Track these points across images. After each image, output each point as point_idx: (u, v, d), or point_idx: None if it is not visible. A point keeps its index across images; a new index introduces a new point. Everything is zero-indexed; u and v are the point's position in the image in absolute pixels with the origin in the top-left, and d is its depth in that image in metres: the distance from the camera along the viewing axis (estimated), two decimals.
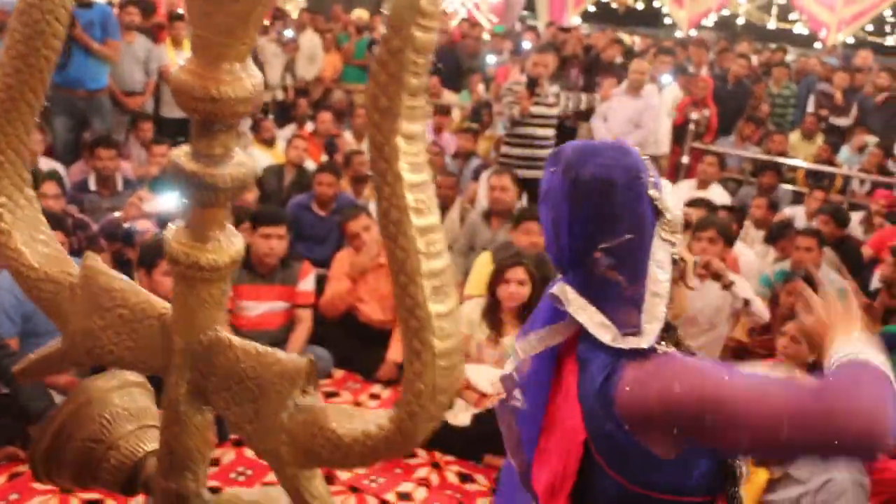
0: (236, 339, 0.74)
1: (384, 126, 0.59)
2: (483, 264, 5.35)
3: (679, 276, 1.61)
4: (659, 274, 1.49)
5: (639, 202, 1.51)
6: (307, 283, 5.09)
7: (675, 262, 1.53)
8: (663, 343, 1.50)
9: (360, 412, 0.69)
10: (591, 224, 1.52)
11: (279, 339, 4.94)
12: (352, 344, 5.31)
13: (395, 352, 5.12)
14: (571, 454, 1.49)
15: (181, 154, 0.68)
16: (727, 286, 4.61)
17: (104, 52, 7.22)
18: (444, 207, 6.86)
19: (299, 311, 5.05)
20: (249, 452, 4.39)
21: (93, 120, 7.16)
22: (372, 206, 6.25)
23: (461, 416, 4.50)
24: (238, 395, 0.72)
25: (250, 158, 0.72)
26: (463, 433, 4.40)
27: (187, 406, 0.77)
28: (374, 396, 5.03)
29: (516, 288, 4.53)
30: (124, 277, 0.80)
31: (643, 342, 1.44)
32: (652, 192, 1.52)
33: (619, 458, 1.46)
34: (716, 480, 1.54)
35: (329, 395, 4.98)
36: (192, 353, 0.75)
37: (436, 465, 4.35)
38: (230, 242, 0.72)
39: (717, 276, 4.59)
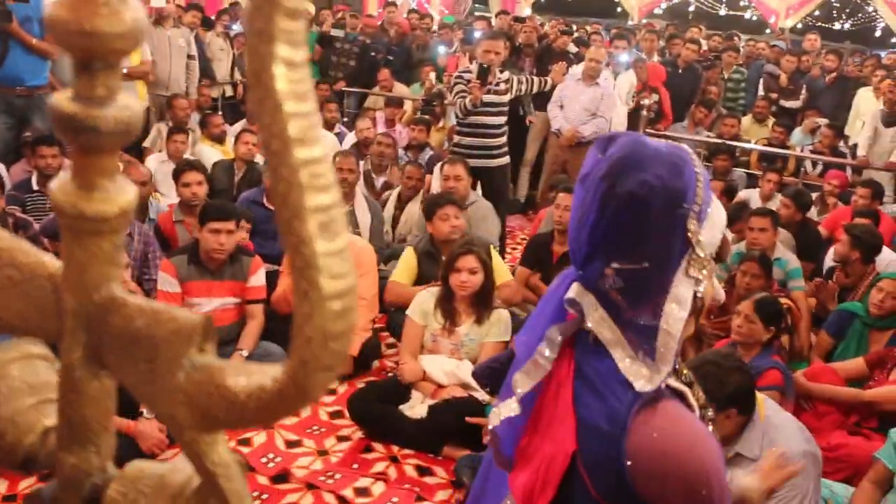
0: (131, 297, 0.69)
1: (260, 50, 0.55)
2: (407, 259, 5.55)
3: None
4: (675, 311, 1.39)
5: (671, 232, 1.38)
6: (258, 278, 5.01)
7: (695, 296, 1.41)
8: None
9: (259, 367, 0.65)
10: (612, 239, 1.40)
11: (231, 335, 4.88)
12: None
13: None
14: (556, 462, 1.41)
15: (61, 97, 0.64)
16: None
17: (43, 47, 7.04)
18: (408, 199, 6.85)
19: (251, 306, 4.97)
20: (280, 440, 4.40)
21: (33, 118, 6.98)
22: None
23: (418, 408, 4.48)
24: (133, 355, 0.68)
25: (138, 103, 0.67)
26: (420, 425, 4.38)
27: (83, 371, 0.72)
28: (330, 391, 4.94)
29: (467, 276, 4.52)
30: (11, 236, 0.75)
31: (649, 386, 1.37)
32: (691, 224, 1.39)
33: (607, 485, 1.38)
34: None
35: None
36: (85, 313, 0.70)
37: (393, 459, 4.31)
38: (120, 192, 0.67)
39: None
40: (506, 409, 1.48)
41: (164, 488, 0.75)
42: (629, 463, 1.34)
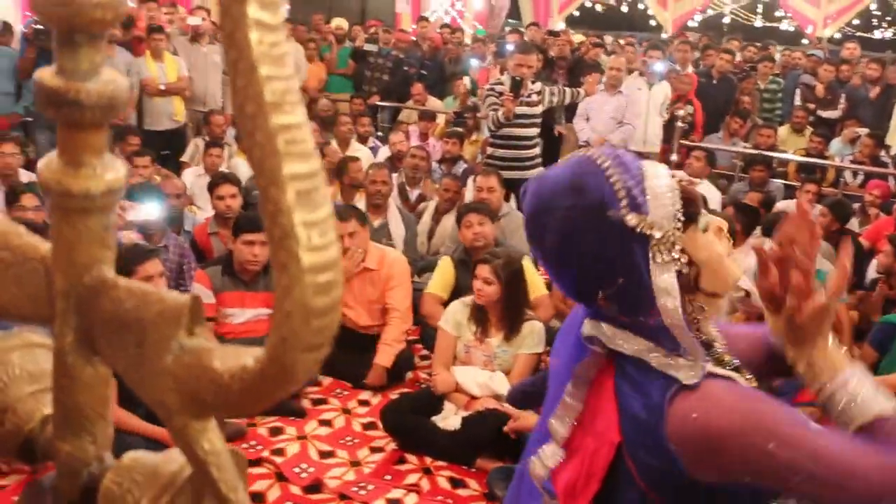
0: (122, 279, 0.68)
1: (233, 10, 0.54)
2: (444, 268, 5.51)
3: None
4: (668, 303, 1.36)
5: (617, 240, 1.36)
6: None
7: (680, 273, 1.38)
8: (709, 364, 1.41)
9: (247, 349, 0.63)
10: (577, 279, 1.43)
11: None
12: (338, 350, 5.19)
13: (382, 356, 5.06)
14: (600, 454, 1.39)
15: (45, 72, 0.63)
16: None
17: None
18: (445, 211, 6.84)
19: None
20: (313, 450, 4.40)
21: None
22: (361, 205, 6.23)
23: (451, 419, 4.45)
24: (123, 339, 0.67)
25: (122, 77, 0.66)
26: (453, 437, 4.34)
27: (75, 357, 0.71)
28: (364, 403, 4.95)
29: (481, 285, 4.51)
30: (4, 218, 0.74)
31: (693, 375, 1.35)
32: (629, 219, 1.35)
33: (654, 473, 1.36)
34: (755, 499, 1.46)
35: (317, 402, 4.92)
36: (76, 296, 0.69)
37: (426, 471, 4.27)
38: (107, 170, 0.66)
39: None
40: (551, 459, 1.48)
41: (156, 477, 0.73)
42: (674, 448, 1.32)
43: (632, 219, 1.35)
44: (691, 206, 1.42)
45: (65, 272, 0.68)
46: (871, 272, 6.06)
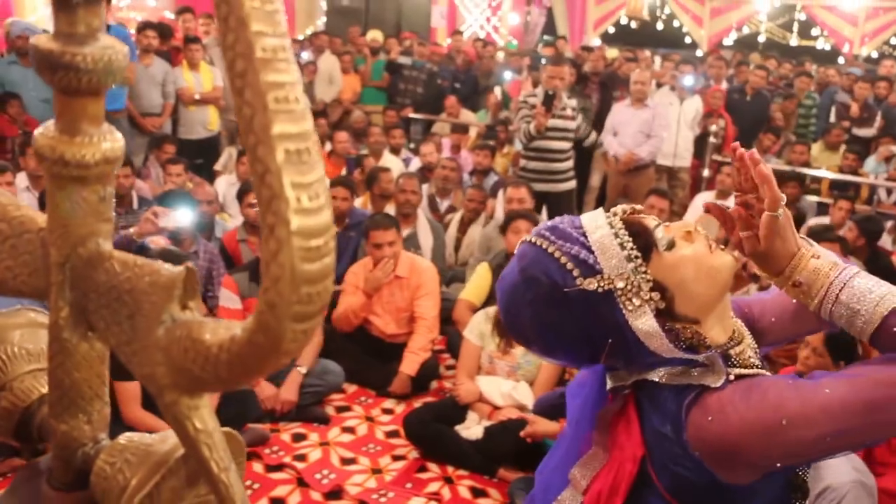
0: (117, 252, 0.67)
1: None
2: (481, 274, 5.47)
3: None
4: (656, 340, 1.34)
5: (588, 308, 1.33)
6: None
7: (660, 311, 1.35)
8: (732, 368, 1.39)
9: (238, 322, 0.61)
10: (572, 357, 1.46)
11: None
12: (364, 358, 5.25)
13: (408, 365, 5.05)
14: (625, 468, 1.37)
15: (42, 36, 0.62)
16: (764, 288, 4.53)
17: None
18: (470, 221, 6.83)
19: None
20: (335, 456, 4.39)
21: None
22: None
23: (474, 429, 4.43)
24: (116, 312, 0.65)
25: (120, 44, 0.65)
26: (475, 446, 4.33)
27: (70, 332, 0.70)
28: (387, 411, 4.94)
29: None
30: (2, 191, 0.73)
31: (717, 378, 1.33)
32: (588, 285, 1.32)
33: (684, 483, 1.33)
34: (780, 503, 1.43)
35: (341, 409, 4.92)
36: (71, 268, 0.68)
37: (448, 480, 4.25)
38: (104, 139, 0.64)
39: (755, 278, 4.53)
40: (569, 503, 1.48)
41: (149, 456, 0.72)
42: (698, 454, 1.30)
43: (590, 283, 1.33)
44: (643, 237, 1.38)
45: (60, 244, 0.67)
46: None
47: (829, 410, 1.23)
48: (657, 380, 1.38)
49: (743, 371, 1.39)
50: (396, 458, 4.42)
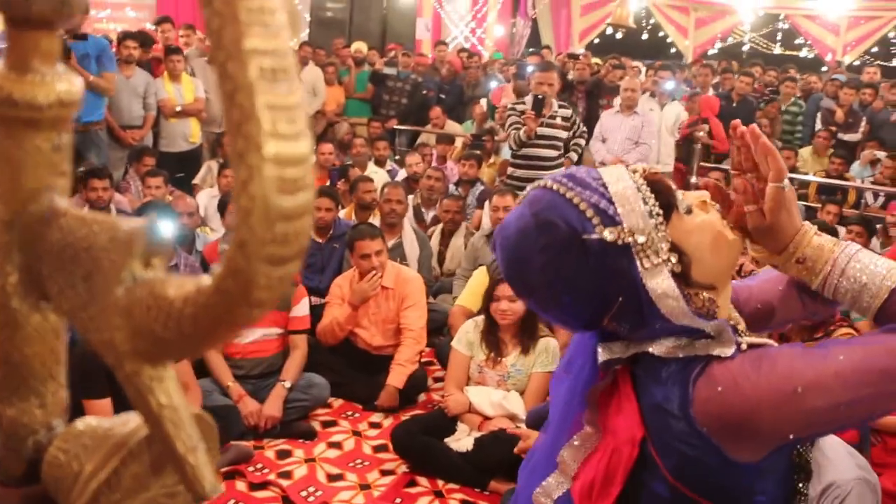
0: (73, 209, 0.58)
1: None
2: (479, 280, 5.34)
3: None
4: (670, 303, 1.26)
5: (603, 260, 1.26)
6: (301, 308, 4.92)
7: (675, 274, 1.28)
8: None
9: (205, 277, 0.52)
10: (577, 314, 1.33)
11: (274, 366, 4.81)
12: (350, 371, 5.15)
13: (395, 377, 4.95)
14: (622, 453, 1.29)
15: None
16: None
17: (99, 84, 7.13)
18: (451, 232, 6.75)
19: (294, 336, 4.88)
20: (321, 473, 4.28)
21: (88, 153, 7.04)
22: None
23: (464, 440, 4.33)
24: (71, 273, 0.57)
25: None
26: (465, 458, 4.22)
27: (20, 301, 0.61)
28: (375, 425, 4.84)
29: (507, 305, 4.38)
30: None
31: (727, 349, 1.26)
32: (607, 235, 1.25)
33: (688, 462, 1.26)
34: (785, 484, 1.36)
35: (327, 424, 4.81)
36: (21, 226, 0.59)
37: (438, 494, 4.15)
38: (59, 81, 0.56)
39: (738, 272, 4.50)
40: (556, 490, 1.40)
41: (107, 440, 0.62)
42: (706, 430, 1.22)
43: (610, 233, 1.25)
44: (665, 196, 1.31)
45: (8, 199, 0.59)
46: None
47: (844, 378, 1.19)
48: (659, 353, 1.29)
49: (754, 339, 1.32)
50: (385, 473, 4.31)
